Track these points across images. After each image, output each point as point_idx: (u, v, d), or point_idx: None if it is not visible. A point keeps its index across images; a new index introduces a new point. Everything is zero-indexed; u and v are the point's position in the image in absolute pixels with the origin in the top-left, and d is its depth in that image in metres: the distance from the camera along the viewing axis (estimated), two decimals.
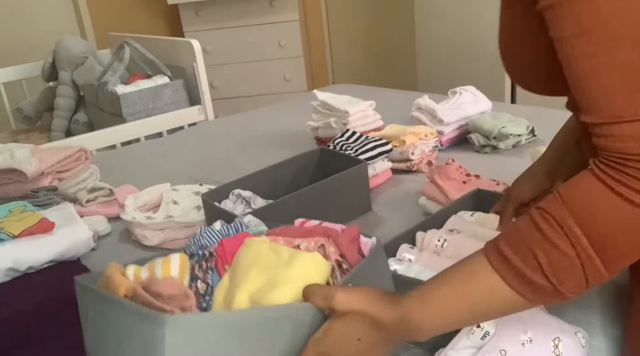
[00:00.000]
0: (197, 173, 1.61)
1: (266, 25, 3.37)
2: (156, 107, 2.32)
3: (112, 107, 2.29)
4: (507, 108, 1.82)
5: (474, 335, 0.75)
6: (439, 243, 0.96)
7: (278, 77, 3.47)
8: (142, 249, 1.23)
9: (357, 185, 1.27)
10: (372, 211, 1.30)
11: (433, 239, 0.97)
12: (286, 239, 0.78)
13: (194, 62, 2.32)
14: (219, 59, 3.41)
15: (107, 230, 1.31)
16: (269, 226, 0.84)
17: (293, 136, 1.85)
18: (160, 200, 1.34)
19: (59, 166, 1.43)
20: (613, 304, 0.87)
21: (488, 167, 1.43)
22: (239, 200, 1.21)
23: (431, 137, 1.50)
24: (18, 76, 2.67)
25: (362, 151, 1.38)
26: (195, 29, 3.36)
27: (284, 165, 1.32)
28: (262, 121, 2.09)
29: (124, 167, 1.75)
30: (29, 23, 3.18)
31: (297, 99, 2.37)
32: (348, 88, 2.28)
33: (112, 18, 3.36)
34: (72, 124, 2.53)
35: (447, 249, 0.94)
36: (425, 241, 0.98)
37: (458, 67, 2.75)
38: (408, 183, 1.42)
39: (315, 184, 1.19)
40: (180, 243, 1.22)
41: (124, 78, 2.47)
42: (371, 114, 1.66)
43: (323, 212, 1.20)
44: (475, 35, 2.63)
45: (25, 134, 2.63)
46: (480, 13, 2.57)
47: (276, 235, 0.78)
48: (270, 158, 1.51)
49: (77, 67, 2.51)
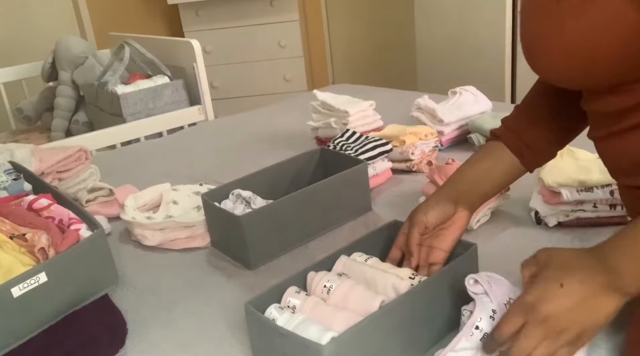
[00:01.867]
0: (197, 173, 1.61)
1: (266, 25, 3.37)
2: (156, 107, 2.32)
3: (112, 107, 2.29)
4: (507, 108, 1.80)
5: (472, 336, 0.74)
6: (325, 289, 0.86)
7: (278, 77, 3.47)
8: (142, 249, 1.23)
9: (357, 185, 1.27)
10: (372, 211, 1.30)
11: (320, 283, 0.87)
12: (13, 225, 0.96)
13: (194, 62, 2.32)
14: (219, 59, 3.41)
15: (107, 230, 1.31)
16: None
17: (293, 136, 1.85)
18: (160, 200, 1.34)
19: (59, 166, 1.43)
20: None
21: None
22: (239, 200, 1.21)
23: (431, 137, 1.50)
24: (18, 76, 2.67)
25: (362, 151, 1.38)
26: (195, 29, 3.36)
27: (284, 165, 1.32)
28: (262, 121, 2.09)
29: (124, 167, 1.75)
30: (29, 23, 3.18)
31: (297, 99, 2.36)
32: (348, 88, 2.28)
33: (112, 18, 3.36)
34: (72, 124, 2.53)
35: (332, 296, 0.85)
36: (312, 285, 0.88)
37: (458, 67, 2.74)
38: (408, 183, 1.42)
39: (315, 184, 1.19)
40: (181, 243, 1.22)
41: (124, 78, 2.47)
42: (371, 114, 1.66)
43: (323, 212, 1.21)
44: (475, 35, 2.63)
45: (25, 134, 2.63)
46: (480, 13, 2.57)
47: (4, 216, 0.96)
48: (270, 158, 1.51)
49: (77, 67, 2.51)
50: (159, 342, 0.93)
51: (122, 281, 1.10)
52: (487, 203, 1.16)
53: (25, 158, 1.39)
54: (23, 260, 0.93)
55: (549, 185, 1.11)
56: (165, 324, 0.97)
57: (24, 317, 0.88)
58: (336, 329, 0.76)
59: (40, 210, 1.04)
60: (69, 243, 0.93)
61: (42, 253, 0.93)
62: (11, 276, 0.87)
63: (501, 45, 2.53)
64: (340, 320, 0.79)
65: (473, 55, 2.66)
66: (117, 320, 0.96)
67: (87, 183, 1.47)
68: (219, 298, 1.03)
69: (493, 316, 0.75)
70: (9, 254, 0.92)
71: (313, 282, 0.88)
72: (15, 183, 1.23)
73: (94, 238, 0.97)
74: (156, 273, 1.14)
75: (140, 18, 3.53)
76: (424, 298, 0.82)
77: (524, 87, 2.54)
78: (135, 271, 1.15)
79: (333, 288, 0.86)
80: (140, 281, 1.11)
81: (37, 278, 0.87)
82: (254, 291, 0.97)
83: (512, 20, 2.49)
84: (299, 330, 0.77)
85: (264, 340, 0.81)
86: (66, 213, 1.03)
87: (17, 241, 0.97)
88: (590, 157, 1.17)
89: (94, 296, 0.97)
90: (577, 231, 1.10)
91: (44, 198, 1.06)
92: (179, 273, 1.13)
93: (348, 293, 0.85)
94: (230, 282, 1.08)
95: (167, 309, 1.01)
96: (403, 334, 0.81)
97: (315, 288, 0.87)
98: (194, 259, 1.18)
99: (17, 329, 0.88)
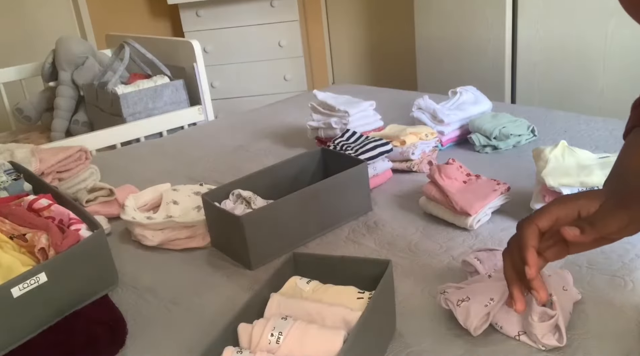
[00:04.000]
0: (197, 173, 1.61)
1: (266, 25, 3.37)
2: (156, 107, 2.32)
3: (112, 107, 2.29)
4: (507, 108, 1.82)
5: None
6: (273, 338, 0.74)
7: (278, 77, 3.47)
8: (142, 250, 1.23)
9: (357, 185, 1.27)
10: (373, 211, 1.30)
11: (264, 334, 0.74)
12: (13, 225, 0.96)
13: (194, 62, 2.32)
14: (219, 59, 3.41)
15: (107, 230, 1.31)
16: None
17: (293, 136, 1.85)
18: (160, 200, 1.34)
19: (59, 166, 1.43)
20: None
21: (488, 167, 1.44)
22: (239, 200, 1.21)
23: (431, 137, 1.50)
24: (18, 76, 2.67)
25: (362, 151, 1.38)
26: (195, 29, 3.36)
27: (284, 165, 1.32)
28: (262, 121, 2.09)
29: (124, 167, 1.74)
30: (29, 23, 3.18)
31: (297, 99, 2.36)
32: (348, 88, 2.29)
33: (112, 18, 3.36)
34: (72, 124, 2.53)
35: (284, 346, 0.73)
36: (253, 338, 0.75)
37: (458, 67, 2.74)
38: (408, 183, 1.42)
39: (315, 184, 1.19)
40: (181, 243, 1.22)
41: (124, 78, 2.47)
42: (371, 114, 1.66)
43: (323, 212, 1.21)
44: (475, 35, 2.63)
45: (25, 134, 2.63)
46: (481, 13, 2.57)
47: (4, 216, 0.96)
48: (270, 158, 1.51)
49: (77, 67, 2.51)
50: (159, 342, 0.93)
51: (122, 281, 1.10)
52: (487, 203, 1.16)
53: (25, 158, 1.39)
54: (23, 260, 0.93)
55: (550, 185, 1.11)
56: (165, 324, 0.97)
57: (24, 317, 0.88)
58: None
59: (40, 210, 1.04)
60: (69, 243, 0.93)
61: (42, 253, 0.93)
62: (11, 276, 0.87)
63: (501, 45, 2.53)
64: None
65: (473, 56, 2.66)
66: (117, 320, 0.96)
67: (87, 183, 1.47)
68: (219, 298, 1.03)
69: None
70: (9, 254, 0.92)
71: (253, 334, 0.75)
72: (16, 183, 1.23)
73: (94, 238, 0.97)
74: (156, 273, 1.14)
75: (140, 18, 3.53)
76: (375, 319, 0.80)
77: (524, 87, 2.55)
78: (135, 271, 1.15)
79: (283, 335, 0.74)
80: (140, 281, 1.11)
81: (37, 278, 0.87)
82: (254, 291, 0.96)
83: (512, 20, 2.49)
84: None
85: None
86: (66, 213, 1.03)
87: (17, 241, 0.97)
88: (591, 158, 1.17)
89: (94, 296, 0.97)
90: None
91: (44, 198, 1.06)
92: (179, 273, 1.13)
93: (303, 337, 0.73)
94: (230, 282, 1.08)
95: (167, 309, 1.01)
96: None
97: (260, 340, 0.74)
98: (194, 259, 1.18)
99: (17, 329, 0.88)
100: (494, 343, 0.83)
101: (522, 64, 2.53)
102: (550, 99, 2.46)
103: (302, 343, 0.73)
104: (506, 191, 1.19)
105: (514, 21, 2.49)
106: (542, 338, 0.79)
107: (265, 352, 0.72)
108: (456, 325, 0.86)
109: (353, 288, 0.85)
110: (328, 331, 0.74)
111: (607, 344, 0.80)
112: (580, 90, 2.38)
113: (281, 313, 0.80)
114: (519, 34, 2.49)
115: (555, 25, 2.38)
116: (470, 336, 0.84)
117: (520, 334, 0.82)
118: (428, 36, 2.86)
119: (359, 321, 0.74)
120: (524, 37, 2.48)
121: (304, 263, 0.90)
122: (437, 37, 2.81)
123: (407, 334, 0.87)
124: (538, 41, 2.44)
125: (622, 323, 0.84)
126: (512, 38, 2.52)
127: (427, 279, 1.01)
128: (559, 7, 2.34)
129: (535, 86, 2.52)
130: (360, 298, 0.82)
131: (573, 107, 2.29)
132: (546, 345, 0.79)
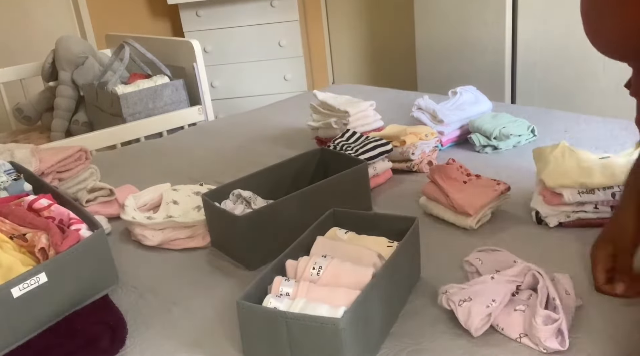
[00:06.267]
0: (197, 173, 1.61)
1: (266, 25, 3.36)
2: (156, 107, 2.32)
3: (112, 107, 2.29)
4: (507, 108, 1.82)
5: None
6: (314, 271, 0.89)
7: (278, 77, 3.46)
8: (142, 250, 1.23)
9: (358, 185, 1.26)
10: (373, 211, 1.30)
11: (307, 267, 0.89)
12: (13, 225, 0.97)
13: (194, 62, 2.32)
14: (219, 59, 3.41)
15: (107, 230, 1.31)
16: None
17: (293, 136, 1.85)
18: (160, 200, 1.34)
19: (59, 166, 1.42)
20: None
21: (488, 167, 1.43)
22: (239, 200, 1.20)
23: (431, 137, 1.50)
24: (18, 76, 2.67)
25: (362, 151, 1.38)
26: (195, 29, 3.36)
27: (284, 165, 1.31)
28: (262, 121, 2.09)
29: (124, 167, 1.74)
30: (29, 23, 3.18)
31: (297, 99, 2.36)
32: (348, 88, 2.29)
33: (112, 18, 3.36)
34: (72, 124, 2.53)
35: (323, 277, 0.88)
36: (298, 270, 0.90)
37: (458, 67, 2.74)
38: (408, 183, 1.42)
39: (315, 184, 1.19)
40: (181, 243, 1.22)
41: (124, 78, 2.47)
42: (371, 114, 1.66)
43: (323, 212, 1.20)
44: (475, 35, 2.63)
45: (25, 134, 2.63)
46: (481, 13, 2.57)
47: (4, 216, 0.97)
48: (270, 158, 1.51)
49: (77, 67, 2.51)
50: (159, 342, 0.93)
51: (122, 281, 1.10)
52: (487, 203, 1.16)
53: (25, 158, 1.39)
54: (23, 260, 0.93)
55: (550, 187, 1.11)
56: (165, 324, 0.97)
57: (24, 317, 0.88)
58: (340, 304, 0.80)
59: (40, 210, 1.04)
60: (69, 243, 0.93)
61: (42, 253, 0.93)
62: (11, 276, 0.87)
63: (501, 45, 2.53)
64: (340, 296, 0.82)
65: (473, 56, 2.66)
66: (117, 320, 0.96)
67: (87, 183, 1.47)
68: (219, 298, 1.03)
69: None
70: (9, 254, 0.92)
71: (299, 267, 0.90)
72: (16, 183, 1.23)
73: (94, 238, 0.97)
74: (156, 273, 1.14)
75: (140, 18, 3.53)
76: (402, 262, 0.93)
77: (524, 87, 2.55)
78: (135, 271, 1.15)
79: (323, 268, 0.88)
80: (140, 281, 1.11)
81: (37, 278, 0.87)
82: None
83: (512, 20, 2.49)
84: (307, 311, 0.79)
85: (263, 334, 0.81)
86: (66, 213, 1.03)
87: (17, 241, 0.97)
88: (592, 159, 1.16)
89: (94, 297, 0.97)
90: (578, 232, 1.10)
91: (44, 198, 1.06)
92: (179, 273, 1.13)
93: (339, 271, 0.88)
94: (230, 282, 1.08)
95: (167, 309, 1.01)
96: (392, 296, 0.89)
97: (303, 272, 0.89)
98: (194, 259, 1.18)
99: (17, 329, 0.88)
100: (494, 345, 0.83)
101: (522, 64, 2.52)
102: (550, 99, 2.46)
103: (337, 276, 0.87)
104: (506, 191, 1.19)
105: (513, 21, 2.49)
106: (545, 341, 0.79)
107: (307, 281, 0.87)
108: (457, 325, 0.86)
109: (384, 238, 0.99)
110: (359, 268, 0.87)
111: (608, 348, 0.80)
112: (580, 90, 2.38)
113: (324, 251, 0.94)
114: (519, 34, 2.48)
115: (555, 26, 2.38)
116: (471, 336, 0.84)
117: (522, 336, 0.82)
118: (428, 36, 2.86)
119: (386, 261, 0.89)
120: (523, 37, 2.48)
121: (342, 218, 1.07)
122: (437, 37, 2.81)
123: (407, 333, 0.88)
124: (538, 41, 2.44)
125: (622, 327, 0.84)
126: (512, 38, 2.52)
127: (427, 280, 1.01)
128: (559, 7, 2.34)
129: (535, 86, 2.52)
130: (389, 247, 0.95)
131: (573, 107, 2.28)
132: (548, 348, 0.79)
